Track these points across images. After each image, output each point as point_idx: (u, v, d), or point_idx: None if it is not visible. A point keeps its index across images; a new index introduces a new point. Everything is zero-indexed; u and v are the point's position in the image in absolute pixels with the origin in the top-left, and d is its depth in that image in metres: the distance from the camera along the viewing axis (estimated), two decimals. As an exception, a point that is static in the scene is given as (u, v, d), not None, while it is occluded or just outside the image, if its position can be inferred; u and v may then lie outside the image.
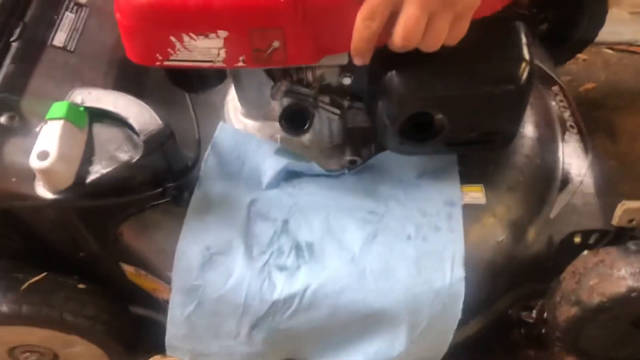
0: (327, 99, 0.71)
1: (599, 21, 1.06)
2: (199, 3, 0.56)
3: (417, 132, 0.66)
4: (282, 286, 0.67)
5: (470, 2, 0.54)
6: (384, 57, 0.60)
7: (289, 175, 0.77)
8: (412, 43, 0.55)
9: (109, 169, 0.62)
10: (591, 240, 0.71)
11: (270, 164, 0.76)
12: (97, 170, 0.62)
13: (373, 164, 0.78)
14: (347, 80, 0.69)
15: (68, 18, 0.77)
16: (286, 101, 0.72)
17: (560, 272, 0.72)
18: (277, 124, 0.77)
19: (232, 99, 0.83)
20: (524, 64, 0.61)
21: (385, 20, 0.54)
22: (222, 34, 0.57)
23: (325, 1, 0.56)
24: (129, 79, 0.75)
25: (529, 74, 0.61)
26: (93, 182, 0.61)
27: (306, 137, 0.77)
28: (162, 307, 0.74)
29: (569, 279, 0.68)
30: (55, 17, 0.76)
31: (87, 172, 0.62)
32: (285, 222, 0.71)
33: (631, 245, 0.64)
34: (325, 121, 0.75)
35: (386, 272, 0.68)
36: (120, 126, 0.65)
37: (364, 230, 0.71)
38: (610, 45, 1.12)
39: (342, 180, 0.77)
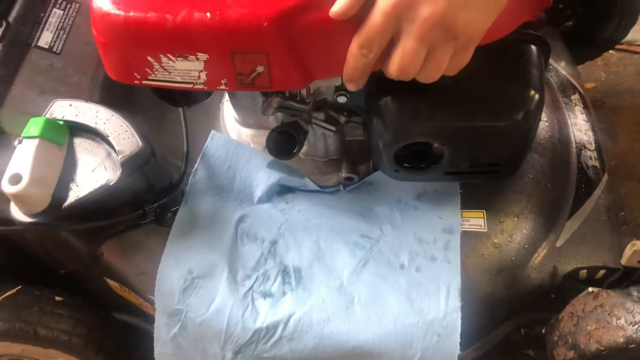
0: (321, 115, 0.66)
1: (632, 19, 0.98)
2: (177, 24, 0.51)
3: (414, 160, 0.62)
4: (265, 314, 0.64)
5: (474, 34, 0.49)
6: (380, 80, 0.56)
7: (282, 190, 0.73)
8: (409, 75, 0.51)
9: (86, 192, 0.59)
10: (597, 276, 0.67)
11: (263, 177, 0.73)
12: (75, 193, 0.59)
13: (371, 180, 0.73)
14: (342, 99, 0.64)
15: (55, 15, 0.73)
16: (280, 115, 0.68)
17: (563, 303, 0.68)
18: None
19: (227, 102, 0.79)
20: (531, 96, 0.55)
21: (382, 49, 0.50)
22: (202, 56, 0.53)
23: (312, 25, 0.51)
24: (118, 84, 0.71)
25: (537, 105, 0.56)
26: (70, 205, 0.58)
27: (302, 150, 0.73)
28: (150, 317, 0.73)
29: (567, 320, 0.64)
30: (42, 14, 0.73)
31: (64, 195, 0.59)
32: (274, 243, 0.68)
33: (634, 292, 0.60)
34: (321, 135, 0.71)
35: (375, 302, 0.65)
36: (100, 142, 0.62)
37: (354, 256, 0.68)
38: None
39: (337, 198, 0.73)
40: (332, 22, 0.50)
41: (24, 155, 0.57)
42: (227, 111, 0.79)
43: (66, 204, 0.58)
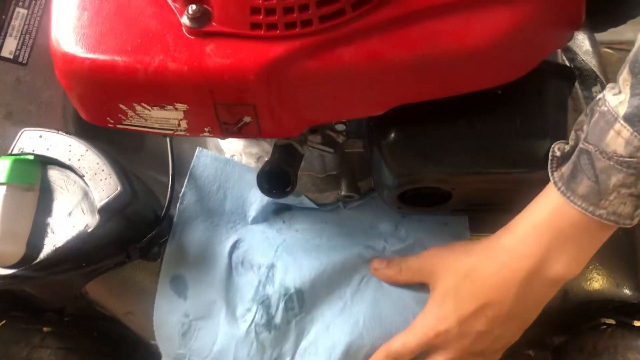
0: (318, 138, 0.60)
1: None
2: (150, 75, 0.44)
3: (419, 199, 0.56)
4: (272, 348, 0.61)
5: (503, 348, 0.56)
6: (383, 116, 0.50)
7: (278, 208, 0.69)
8: None
9: (63, 240, 0.54)
10: (611, 306, 0.63)
11: (256, 195, 0.68)
12: (51, 241, 0.54)
13: (374, 195, 0.68)
14: (340, 126, 0.58)
15: (19, 17, 0.65)
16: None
17: (573, 327, 0.66)
18: (264, 143, 0.68)
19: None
20: (548, 144, 0.49)
21: None
22: (181, 107, 0.47)
23: (304, 75, 0.44)
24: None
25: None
26: (46, 255, 0.54)
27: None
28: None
29: (576, 353, 0.61)
30: (3, 17, 0.65)
31: (39, 243, 0.54)
32: (271, 267, 0.64)
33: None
34: (318, 157, 0.65)
35: (380, 323, 0.62)
36: (75, 178, 0.57)
37: (357, 271, 0.64)
38: (610, 45, 1.01)
39: (337, 215, 0.68)
40: (327, 72, 0.44)
41: (-9, 206, 0.52)
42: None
43: (42, 254, 0.54)
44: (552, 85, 0.51)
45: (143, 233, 0.59)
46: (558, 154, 0.49)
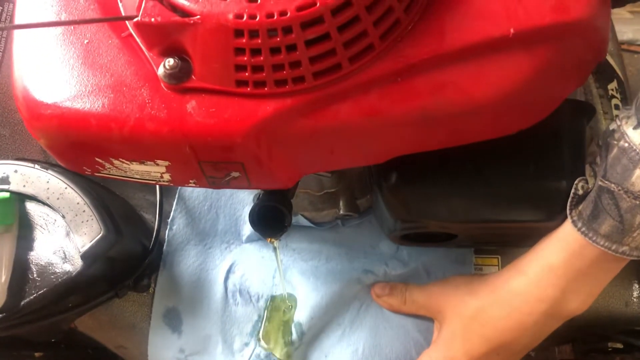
0: (314, 164, 0.56)
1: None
2: (126, 135, 0.40)
3: (422, 237, 0.53)
4: None
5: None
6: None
7: (273, 225, 0.65)
8: None
9: (46, 286, 0.51)
10: (619, 327, 0.61)
11: (250, 214, 0.64)
12: (33, 286, 0.51)
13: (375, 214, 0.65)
14: (338, 158, 0.54)
15: (-14, 27, 0.60)
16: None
17: (578, 342, 0.64)
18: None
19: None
20: (565, 188, 0.45)
21: None
22: (163, 162, 0.43)
23: (299, 135, 0.40)
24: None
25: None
26: (29, 302, 0.51)
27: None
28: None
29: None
30: (-32, 27, 0.59)
31: (21, 289, 0.51)
32: (271, 300, 0.62)
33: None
34: (316, 178, 0.61)
35: (379, 348, 0.61)
36: (56, 217, 0.53)
37: (356, 297, 0.62)
38: None
39: (336, 233, 0.65)
40: (322, 131, 0.40)
41: (-33, 255, 0.49)
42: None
43: (24, 302, 0.51)
44: (569, 125, 0.46)
45: (131, 270, 0.56)
46: (581, 192, 0.45)
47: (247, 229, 0.64)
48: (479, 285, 0.53)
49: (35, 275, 0.52)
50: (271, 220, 0.52)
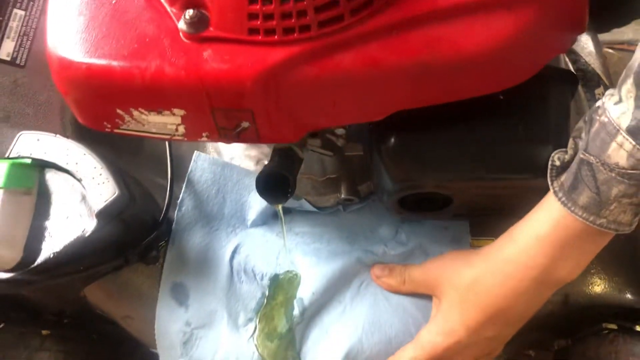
0: (317, 141, 0.60)
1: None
2: (147, 80, 0.44)
3: (420, 204, 0.56)
4: (273, 357, 0.61)
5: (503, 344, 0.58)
6: (384, 121, 0.49)
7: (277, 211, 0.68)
8: None
9: (60, 245, 0.54)
10: (612, 311, 0.63)
11: (256, 198, 0.67)
12: (48, 245, 0.54)
13: (374, 198, 0.68)
14: (340, 130, 0.57)
15: (17, 18, 0.65)
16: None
17: (574, 329, 0.65)
18: (264, 145, 0.68)
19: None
20: (551, 150, 0.49)
21: None
22: (179, 112, 0.46)
23: (302, 81, 0.44)
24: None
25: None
26: (43, 260, 0.53)
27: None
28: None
29: (578, 358, 0.61)
30: (1, 18, 0.64)
31: (37, 248, 0.54)
32: (275, 279, 0.64)
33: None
34: (318, 160, 0.64)
35: (378, 329, 0.62)
36: (73, 182, 0.56)
37: (357, 275, 0.64)
38: (610, 45, 1.01)
39: (337, 218, 0.68)
40: (325, 79, 0.43)
41: (-12, 211, 0.52)
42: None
43: (39, 258, 0.54)
44: (555, 91, 0.50)
45: (141, 237, 0.59)
46: (558, 163, 0.48)
47: (252, 213, 0.67)
48: (474, 256, 0.55)
49: (50, 236, 0.54)
50: (276, 187, 0.56)
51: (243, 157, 0.70)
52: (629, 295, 0.62)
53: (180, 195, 0.66)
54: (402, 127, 0.50)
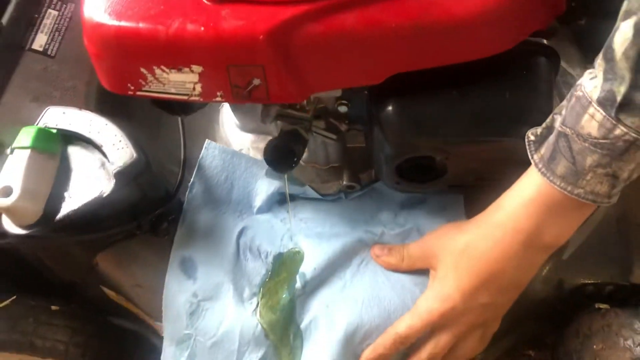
0: (322, 123, 0.64)
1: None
2: (170, 36, 0.49)
3: (416, 172, 0.60)
4: (275, 329, 0.63)
5: (500, 315, 0.60)
6: (382, 89, 0.54)
7: (282, 198, 0.72)
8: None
9: (79, 204, 0.57)
10: (605, 291, 0.65)
11: (262, 186, 0.71)
12: (68, 205, 0.57)
13: (374, 186, 0.72)
14: (343, 109, 0.62)
15: (50, 17, 0.71)
16: (280, 122, 0.66)
17: (570, 316, 0.67)
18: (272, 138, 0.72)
19: (227, 106, 0.77)
20: (534, 115, 0.53)
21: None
22: (197, 68, 0.51)
23: (309, 39, 0.49)
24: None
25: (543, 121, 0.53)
26: (62, 217, 0.57)
27: (299, 161, 0.71)
28: (147, 325, 0.72)
29: (572, 338, 0.63)
30: (36, 16, 0.71)
31: (57, 206, 0.57)
32: (278, 257, 0.67)
33: (642, 311, 0.58)
34: (321, 143, 0.69)
35: (378, 303, 0.63)
36: (94, 151, 0.61)
37: (357, 253, 0.67)
38: None
39: (339, 205, 0.72)
40: (330, 36, 0.49)
41: (15, 167, 0.56)
42: (227, 116, 0.78)
43: (59, 216, 0.57)
44: (538, 63, 0.55)
45: (154, 206, 0.62)
46: (532, 138, 0.51)
47: (258, 200, 0.71)
48: (466, 224, 0.58)
49: (70, 197, 0.58)
50: (281, 159, 0.60)
51: (252, 149, 0.74)
52: (618, 274, 0.64)
53: (192, 179, 0.70)
54: (400, 93, 0.54)
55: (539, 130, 0.51)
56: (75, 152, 0.61)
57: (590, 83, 0.46)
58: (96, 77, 0.69)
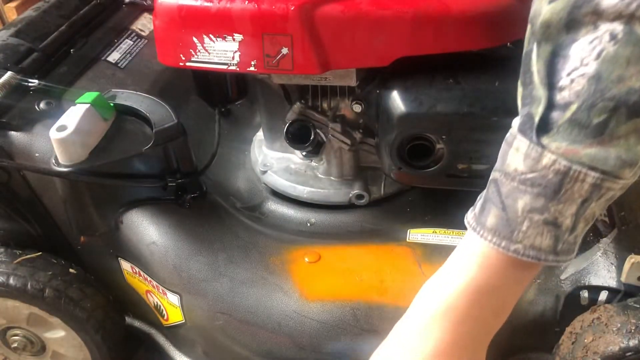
0: (338, 127, 0.73)
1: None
2: (219, 8, 0.62)
3: (417, 159, 0.67)
4: None
5: None
6: (387, 79, 0.64)
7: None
8: None
9: (119, 155, 0.66)
10: (600, 299, 0.65)
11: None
12: (109, 154, 0.66)
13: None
14: (357, 108, 0.71)
15: (126, 43, 0.87)
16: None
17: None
18: (293, 157, 0.81)
19: (259, 136, 0.88)
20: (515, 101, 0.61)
21: None
22: (238, 37, 0.63)
23: (331, 15, 0.60)
24: (167, 94, 0.81)
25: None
26: (104, 163, 0.65)
27: (319, 170, 0.79)
28: (152, 322, 0.76)
29: (566, 341, 0.62)
30: (116, 40, 0.86)
31: (100, 154, 0.66)
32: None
33: (631, 302, 0.59)
34: (337, 153, 0.77)
35: None
36: (141, 124, 0.71)
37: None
38: None
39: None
40: (347, 15, 0.60)
41: (74, 114, 0.66)
42: (257, 143, 0.88)
43: (100, 162, 0.65)
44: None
45: (181, 176, 0.70)
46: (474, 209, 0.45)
47: None
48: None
49: (112, 150, 0.67)
50: (300, 131, 0.68)
51: (275, 164, 0.83)
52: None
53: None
54: (405, 77, 0.63)
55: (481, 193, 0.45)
56: (124, 123, 0.71)
57: (516, 120, 0.42)
58: (154, 88, 0.83)
